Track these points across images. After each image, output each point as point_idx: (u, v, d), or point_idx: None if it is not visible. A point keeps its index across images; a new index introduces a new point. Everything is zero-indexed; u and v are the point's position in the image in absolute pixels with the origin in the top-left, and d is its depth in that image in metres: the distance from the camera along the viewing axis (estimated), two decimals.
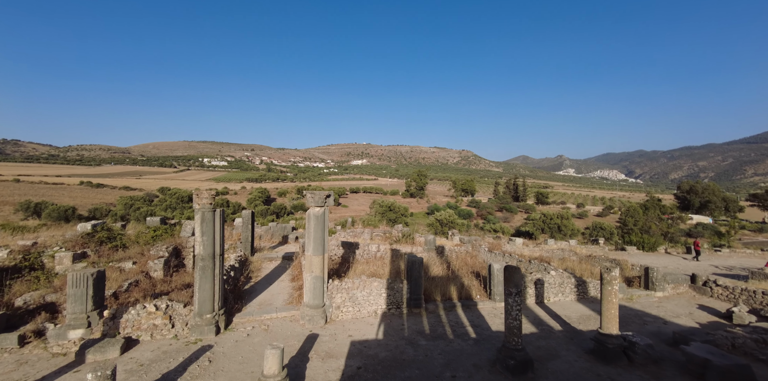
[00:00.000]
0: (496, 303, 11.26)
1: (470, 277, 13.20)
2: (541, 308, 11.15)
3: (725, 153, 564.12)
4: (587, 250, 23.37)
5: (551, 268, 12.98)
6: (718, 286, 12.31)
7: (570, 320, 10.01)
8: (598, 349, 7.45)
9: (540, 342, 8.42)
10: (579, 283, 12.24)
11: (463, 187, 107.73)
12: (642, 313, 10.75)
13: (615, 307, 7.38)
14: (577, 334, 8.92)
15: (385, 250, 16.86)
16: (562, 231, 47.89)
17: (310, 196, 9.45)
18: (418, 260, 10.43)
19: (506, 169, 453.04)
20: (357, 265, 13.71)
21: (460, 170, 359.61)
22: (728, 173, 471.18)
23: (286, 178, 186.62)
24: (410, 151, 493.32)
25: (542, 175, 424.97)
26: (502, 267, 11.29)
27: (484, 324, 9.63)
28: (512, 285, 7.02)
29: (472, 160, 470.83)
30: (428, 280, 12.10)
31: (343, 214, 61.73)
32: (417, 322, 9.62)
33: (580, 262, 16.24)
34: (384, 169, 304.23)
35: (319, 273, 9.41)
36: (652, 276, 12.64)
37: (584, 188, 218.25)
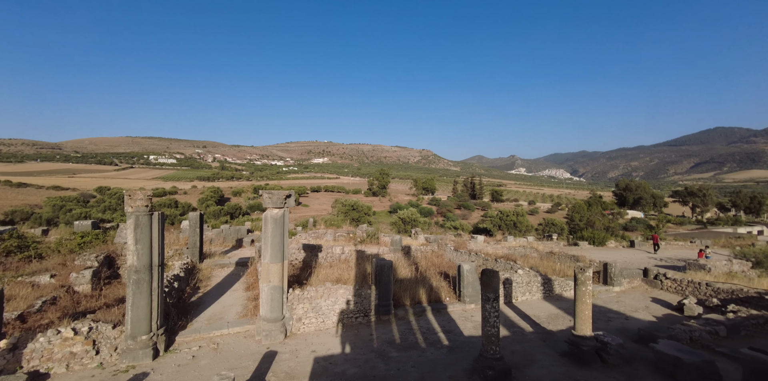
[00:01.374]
0: (466, 305, 10.94)
1: (438, 278, 12.83)
2: (511, 309, 11.01)
3: (652, 154, 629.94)
4: (545, 246, 24.26)
5: (518, 266, 12.98)
6: (667, 279, 13.04)
7: (540, 320, 9.93)
8: (573, 351, 7.28)
9: (515, 346, 8.14)
10: (545, 282, 12.33)
11: (424, 186, 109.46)
12: (605, 309, 11.00)
13: (589, 308, 7.25)
14: (549, 336, 8.78)
15: (349, 252, 16.05)
16: (518, 227, 49.96)
17: (268, 197, 8.42)
18: (387, 264, 9.78)
19: (464, 168, 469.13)
20: (320, 269, 12.78)
21: (421, 169, 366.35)
22: (655, 172, 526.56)
23: (242, 177, 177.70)
24: (372, 149, 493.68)
25: (496, 174, 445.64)
26: (472, 268, 11.00)
27: (456, 329, 9.22)
28: (490, 290, 6.59)
29: (432, 160, 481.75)
30: (397, 284, 11.52)
31: (304, 214, 59.72)
32: (387, 331, 8.97)
33: (541, 260, 16.58)
34: (346, 168, 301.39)
35: (278, 282, 8.42)
36: (611, 271, 13.10)
37: (534, 186, 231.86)
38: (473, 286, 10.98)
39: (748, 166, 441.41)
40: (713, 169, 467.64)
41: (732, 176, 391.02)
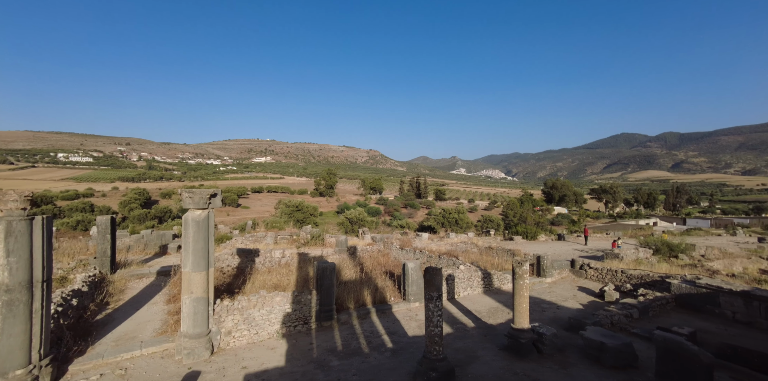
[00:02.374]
0: (411, 304, 10.82)
1: (384, 277, 12.58)
2: (453, 304, 11.12)
3: (574, 156, 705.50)
4: (484, 241, 25.42)
5: (460, 262, 13.23)
6: (591, 268, 14.28)
7: (481, 315, 10.13)
8: (513, 345, 7.44)
9: (457, 343, 8.12)
10: (485, 276, 12.71)
11: (372, 186, 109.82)
12: (539, 300, 11.62)
13: (526, 301, 7.46)
14: (490, 330, 8.95)
15: (291, 255, 15.13)
16: (459, 224, 52.30)
17: (188, 196, 7.40)
18: (329, 267, 9.22)
19: (409, 168, 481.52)
20: (257, 276, 11.78)
21: (369, 169, 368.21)
22: (576, 172, 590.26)
23: (173, 177, 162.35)
24: (319, 149, 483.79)
25: (440, 174, 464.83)
26: (417, 266, 10.90)
27: (401, 330, 9.00)
28: (433, 289, 6.41)
29: (380, 160, 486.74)
30: (341, 286, 11.00)
31: (243, 216, 56.17)
32: (328, 338, 8.43)
33: (481, 255, 17.23)
34: (291, 168, 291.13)
35: (202, 293, 7.43)
36: (543, 264, 13.97)
37: (473, 185, 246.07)
38: (417, 285, 10.89)
39: (646, 167, 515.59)
40: (621, 170, 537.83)
41: (634, 176, 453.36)
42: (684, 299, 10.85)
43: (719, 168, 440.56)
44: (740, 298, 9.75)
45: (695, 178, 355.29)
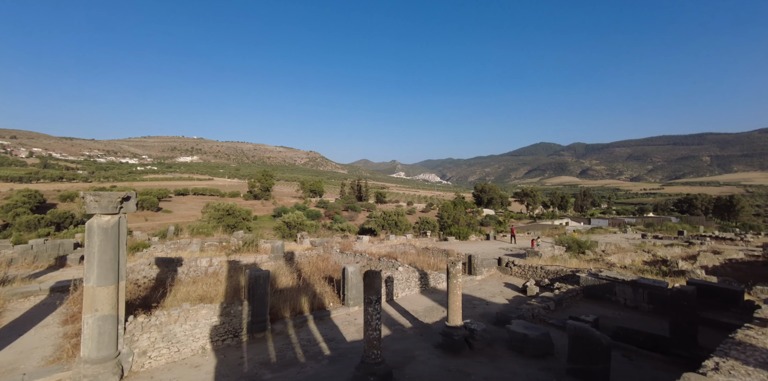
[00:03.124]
0: (350, 308, 10.71)
1: (323, 283, 12.27)
2: (392, 306, 11.28)
3: (500, 162, 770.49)
4: (421, 242, 26.34)
5: (399, 264, 13.49)
6: (515, 266, 15.61)
7: (418, 315, 10.41)
8: (447, 342, 7.76)
9: (396, 345, 8.23)
10: (422, 276, 13.13)
11: (312, 188, 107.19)
12: (471, 297, 12.34)
13: (459, 299, 7.85)
14: (426, 329, 9.23)
15: (219, 263, 14.00)
16: (399, 226, 53.61)
17: (94, 200, 6.42)
18: (262, 274, 8.70)
19: (351, 171, 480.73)
20: (179, 287, 10.67)
21: (308, 171, 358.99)
22: (502, 177, 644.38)
23: (77, 177, 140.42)
24: (254, 149, 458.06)
25: (380, 177, 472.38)
26: (357, 269, 10.83)
27: (339, 336, 8.84)
28: (372, 292, 6.41)
29: (320, 162, 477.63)
30: (276, 295, 10.47)
31: (164, 221, 50.76)
32: (261, 350, 7.94)
33: (419, 255, 17.80)
34: (222, 168, 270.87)
35: (110, 310, 6.47)
36: (474, 262, 14.90)
37: (412, 189, 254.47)
38: (357, 289, 10.83)
39: (560, 173, 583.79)
40: (539, 175, 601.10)
41: (550, 181, 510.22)
42: (590, 290, 12.41)
43: (614, 175, 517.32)
44: (629, 286, 11.45)
45: (597, 183, 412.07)
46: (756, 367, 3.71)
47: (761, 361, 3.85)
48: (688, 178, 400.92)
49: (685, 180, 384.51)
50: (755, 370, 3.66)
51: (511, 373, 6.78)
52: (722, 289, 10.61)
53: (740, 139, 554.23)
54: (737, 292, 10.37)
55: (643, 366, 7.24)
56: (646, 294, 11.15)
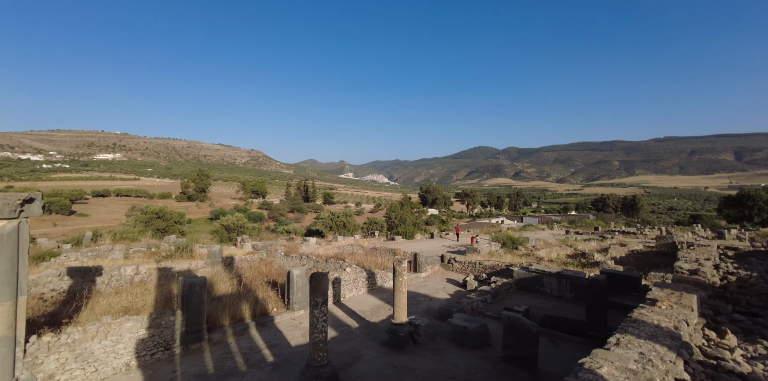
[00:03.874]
0: (295, 312, 10.45)
1: (266, 288, 11.80)
2: (339, 307, 11.22)
3: (443, 164, 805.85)
4: (369, 242, 26.53)
5: (346, 265, 13.46)
6: (456, 262, 16.46)
7: (365, 314, 10.50)
8: (393, 339, 7.94)
9: (342, 346, 8.21)
10: (369, 276, 13.25)
11: (254, 189, 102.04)
12: (416, 294, 12.76)
13: (405, 296, 8.08)
14: (373, 328, 9.35)
15: (148, 271, 12.75)
16: (347, 227, 53.40)
17: None
18: (198, 281, 8.12)
19: (297, 171, 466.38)
20: (98, 299, 9.51)
21: (251, 171, 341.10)
22: (445, 179, 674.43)
23: None
24: (188, 146, 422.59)
25: (328, 177, 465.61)
26: (302, 272, 10.59)
27: (283, 341, 8.58)
28: (319, 294, 6.34)
29: (263, 161, 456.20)
30: (214, 302, 9.82)
31: (79, 225, 44.76)
32: (197, 362, 7.40)
33: (366, 256, 17.92)
34: (150, 167, 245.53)
35: (5, 331, 5.56)
36: (419, 260, 15.42)
37: (360, 189, 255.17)
38: (303, 292, 10.60)
39: (496, 175, 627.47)
40: (478, 177, 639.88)
41: (488, 182, 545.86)
42: (522, 282, 13.55)
43: (543, 177, 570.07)
44: (555, 278, 12.74)
45: (529, 184, 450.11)
46: (646, 339, 4.40)
47: (650, 334, 4.59)
48: (603, 180, 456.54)
49: (600, 182, 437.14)
50: (645, 341, 4.35)
51: (451, 365, 7.16)
52: (626, 277, 12.29)
53: (641, 147, 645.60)
54: (637, 278, 12.09)
55: (566, 348, 8.12)
56: (568, 284, 12.48)
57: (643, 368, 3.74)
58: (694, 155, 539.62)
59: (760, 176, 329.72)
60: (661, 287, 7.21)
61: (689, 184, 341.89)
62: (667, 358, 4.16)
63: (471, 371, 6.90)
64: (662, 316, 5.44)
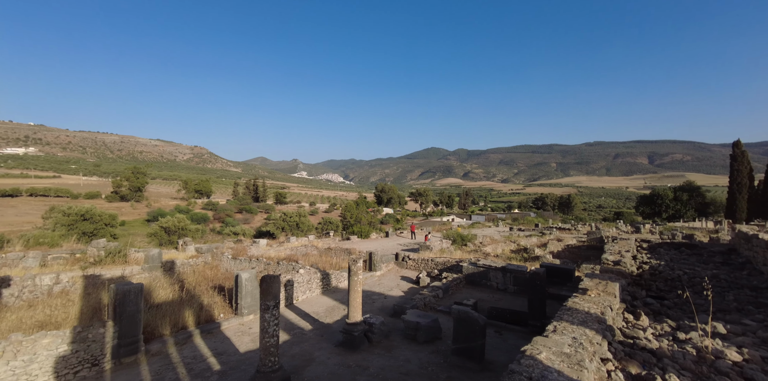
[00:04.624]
0: (244, 317, 9.97)
1: (212, 293, 11.11)
2: (292, 310, 10.92)
3: (398, 164, 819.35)
4: (324, 243, 26.13)
5: (299, 266, 13.13)
6: (410, 259, 16.83)
7: (319, 316, 10.33)
8: (347, 339, 7.91)
9: (294, 349, 8.00)
10: (323, 277, 13.05)
11: (198, 188, 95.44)
12: (371, 292, 12.82)
13: (359, 295, 8.09)
14: (327, 330, 9.23)
15: (72, 279, 11.37)
16: (300, 227, 52.09)
17: None
18: (133, 289, 7.41)
19: (246, 169, 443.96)
20: (6, 314, 8.29)
21: (194, 169, 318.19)
22: (399, 178, 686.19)
23: None
24: (120, 141, 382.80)
25: (280, 176, 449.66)
26: (252, 275, 10.13)
27: (231, 348, 8.15)
28: (270, 297, 6.12)
29: (208, 159, 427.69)
30: (152, 311, 9.04)
31: None
32: (131, 376, 6.77)
33: (321, 256, 17.63)
34: (74, 164, 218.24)
35: None
36: (374, 259, 15.52)
37: (315, 189, 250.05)
38: (252, 296, 10.15)
39: (447, 175, 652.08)
40: (431, 177, 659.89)
41: (440, 182, 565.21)
42: (471, 277, 14.23)
43: (490, 177, 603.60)
44: (500, 272, 13.57)
45: (476, 184, 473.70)
46: (578, 325, 4.88)
47: (581, 320, 5.09)
48: (542, 181, 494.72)
49: (539, 182, 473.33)
50: (577, 327, 4.82)
51: (404, 361, 7.32)
52: (562, 269, 13.46)
53: (574, 150, 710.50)
54: (571, 270, 13.29)
55: (510, 338, 8.68)
56: (512, 277, 13.36)
57: (575, 351, 4.14)
58: (618, 158, 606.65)
59: (667, 178, 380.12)
60: (591, 277, 8.01)
61: (614, 184, 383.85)
62: (595, 341, 4.64)
63: (423, 365, 7.10)
64: (591, 303, 6.05)
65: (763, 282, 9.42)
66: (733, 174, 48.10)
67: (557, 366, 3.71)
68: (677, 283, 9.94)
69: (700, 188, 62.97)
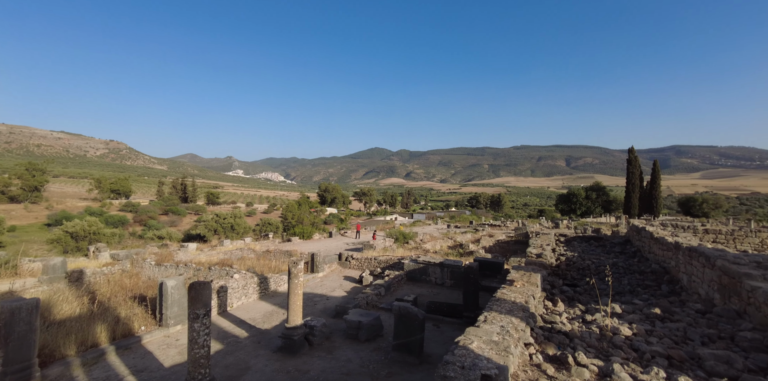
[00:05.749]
0: (170, 329, 9.10)
1: (131, 304, 9.94)
2: (226, 318, 10.23)
3: (342, 163, 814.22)
4: (262, 245, 24.92)
5: (234, 271, 12.35)
6: (353, 259, 16.82)
7: (256, 322, 9.83)
8: (287, 344, 7.65)
9: (228, 359, 7.51)
10: (261, 281, 12.44)
11: (114, 188, 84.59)
12: (312, 295, 12.54)
13: (300, 298, 7.87)
14: (264, 336, 8.82)
15: None
16: (236, 230, 48.98)
17: None
18: (24, 305, 6.31)
19: (173, 167, 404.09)
20: None
21: (109, 166, 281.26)
22: (344, 178, 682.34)
23: None
24: (9, 132, 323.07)
25: (212, 175, 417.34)
26: (179, 283, 9.27)
27: (154, 363, 7.38)
28: (200, 305, 5.66)
29: (127, 155, 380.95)
30: (52, 329, 7.79)
31: None
32: None
33: (258, 259, 16.79)
34: None
35: None
36: (317, 260, 15.21)
37: (252, 188, 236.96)
38: (180, 305, 9.30)
39: (390, 175, 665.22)
40: (375, 177, 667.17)
41: (383, 181, 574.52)
42: (411, 274, 14.68)
43: (430, 177, 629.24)
44: (438, 267, 14.22)
45: (418, 184, 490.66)
46: (505, 314, 5.33)
47: (508, 309, 5.57)
48: (476, 181, 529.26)
49: (474, 182, 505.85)
50: (504, 316, 5.27)
51: (346, 361, 7.30)
52: (493, 263, 14.54)
53: (504, 153, 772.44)
54: (501, 263, 14.43)
55: (447, 330, 9.14)
56: (449, 272, 14.08)
57: (503, 339, 4.51)
58: (541, 161, 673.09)
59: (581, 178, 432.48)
60: (517, 270, 8.77)
61: (537, 184, 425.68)
62: (520, 328, 5.10)
63: (364, 364, 7.16)
64: (517, 293, 6.64)
65: (648, 267, 11.19)
66: (629, 176, 56.25)
67: (487, 354, 4.01)
68: (587, 271, 11.36)
69: (605, 188, 72.63)
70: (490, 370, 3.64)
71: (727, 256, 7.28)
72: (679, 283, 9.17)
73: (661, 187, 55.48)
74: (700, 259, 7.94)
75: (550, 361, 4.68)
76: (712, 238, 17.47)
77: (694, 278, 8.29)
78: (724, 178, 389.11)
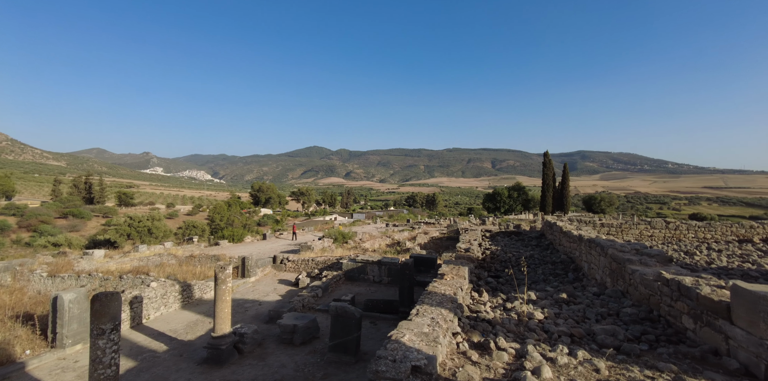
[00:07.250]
0: (67, 349, 7.85)
1: (12, 324, 8.35)
2: (141, 331, 9.14)
3: (278, 162, 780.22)
4: (185, 250, 22.76)
5: (151, 279, 11.09)
6: (289, 261, 16.22)
7: (177, 334, 8.95)
8: (213, 354, 7.11)
9: (144, 376, 6.74)
10: (184, 289, 11.37)
11: None
12: (242, 301, 11.81)
13: (228, 305, 7.37)
14: (187, 348, 8.08)
15: None
16: (154, 234, 43.91)
17: None
18: None
19: (74, 163, 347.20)
20: None
21: None
22: (279, 177, 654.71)
23: None
24: None
25: (125, 172, 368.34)
26: (80, 296, 8.04)
27: None
28: (106, 319, 4.98)
29: (8, 148, 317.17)
30: None
31: None
32: None
33: (181, 265, 15.33)
34: None
35: None
36: (248, 264, 14.36)
37: (174, 188, 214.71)
38: (81, 321, 8.07)
39: (330, 175, 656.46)
40: (313, 176, 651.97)
41: (323, 181, 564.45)
42: (350, 273, 14.68)
43: (369, 177, 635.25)
44: (376, 265, 14.45)
45: (357, 184, 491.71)
46: (435, 306, 5.64)
47: (438, 301, 5.90)
48: (413, 181, 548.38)
49: (411, 182, 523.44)
50: (435, 308, 5.57)
51: (279, 366, 7.04)
52: (427, 258, 15.22)
53: (438, 155, 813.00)
54: (434, 259, 15.17)
55: (383, 327, 9.32)
56: (386, 269, 14.38)
57: (433, 330, 4.76)
58: (470, 163, 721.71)
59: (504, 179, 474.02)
60: (448, 264, 9.30)
61: (467, 184, 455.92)
62: (449, 319, 5.43)
63: (299, 368, 6.98)
64: (447, 286, 7.04)
65: (558, 258, 12.72)
66: (544, 177, 63.19)
67: (417, 345, 4.19)
68: (508, 263, 12.51)
69: (525, 188, 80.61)
70: (419, 360, 3.82)
71: (616, 245, 8.61)
72: (581, 271, 10.58)
73: (570, 187, 63.44)
74: (597, 249, 9.26)
75: (475, 347, 5.06)
76: (606, 231, 20.50)
77: (592, 266, 9.64)
78: (616, 179, 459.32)
